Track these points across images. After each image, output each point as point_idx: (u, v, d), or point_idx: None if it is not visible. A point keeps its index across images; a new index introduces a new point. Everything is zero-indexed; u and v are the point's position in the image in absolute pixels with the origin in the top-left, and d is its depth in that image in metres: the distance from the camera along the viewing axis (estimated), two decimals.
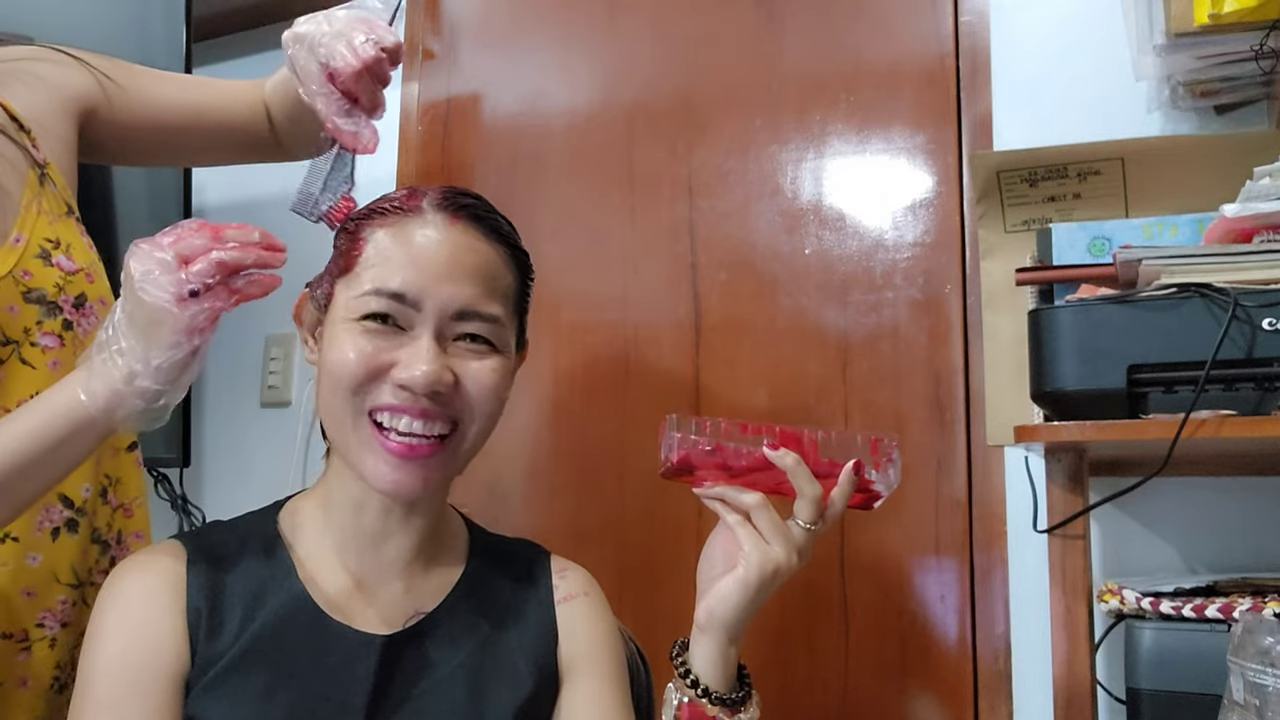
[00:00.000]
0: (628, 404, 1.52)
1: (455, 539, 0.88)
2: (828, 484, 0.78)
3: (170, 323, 0.69)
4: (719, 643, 0.77)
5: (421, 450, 0.75)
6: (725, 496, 0.78)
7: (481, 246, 0.80)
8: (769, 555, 0.75)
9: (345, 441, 0.78)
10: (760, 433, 0.78)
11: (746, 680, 0.80)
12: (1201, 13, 1.00)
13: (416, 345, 0.75)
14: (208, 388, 1.83)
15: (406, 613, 0.81)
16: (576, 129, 1.62)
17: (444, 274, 0.76)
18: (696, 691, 0.76)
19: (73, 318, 0.89)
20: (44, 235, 0.88)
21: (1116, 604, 0.94)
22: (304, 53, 0.86)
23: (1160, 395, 0.83)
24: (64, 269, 0.89)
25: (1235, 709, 0.71)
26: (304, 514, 0.84)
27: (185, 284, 0.69)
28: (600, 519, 1.50)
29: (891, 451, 0.80)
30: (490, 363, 0.79)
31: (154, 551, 0.80)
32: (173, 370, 0.71)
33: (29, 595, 0.88)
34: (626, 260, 1.55)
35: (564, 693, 0.84)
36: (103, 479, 0.96)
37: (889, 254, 1.40)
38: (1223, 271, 0.83)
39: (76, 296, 0.89)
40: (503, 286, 0.81)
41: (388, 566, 0.82)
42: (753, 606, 0.76)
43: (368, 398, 0.75)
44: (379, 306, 0.75)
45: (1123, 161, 1.14)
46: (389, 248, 0.77)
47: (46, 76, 0.96)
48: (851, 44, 1.47)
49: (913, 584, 1.33)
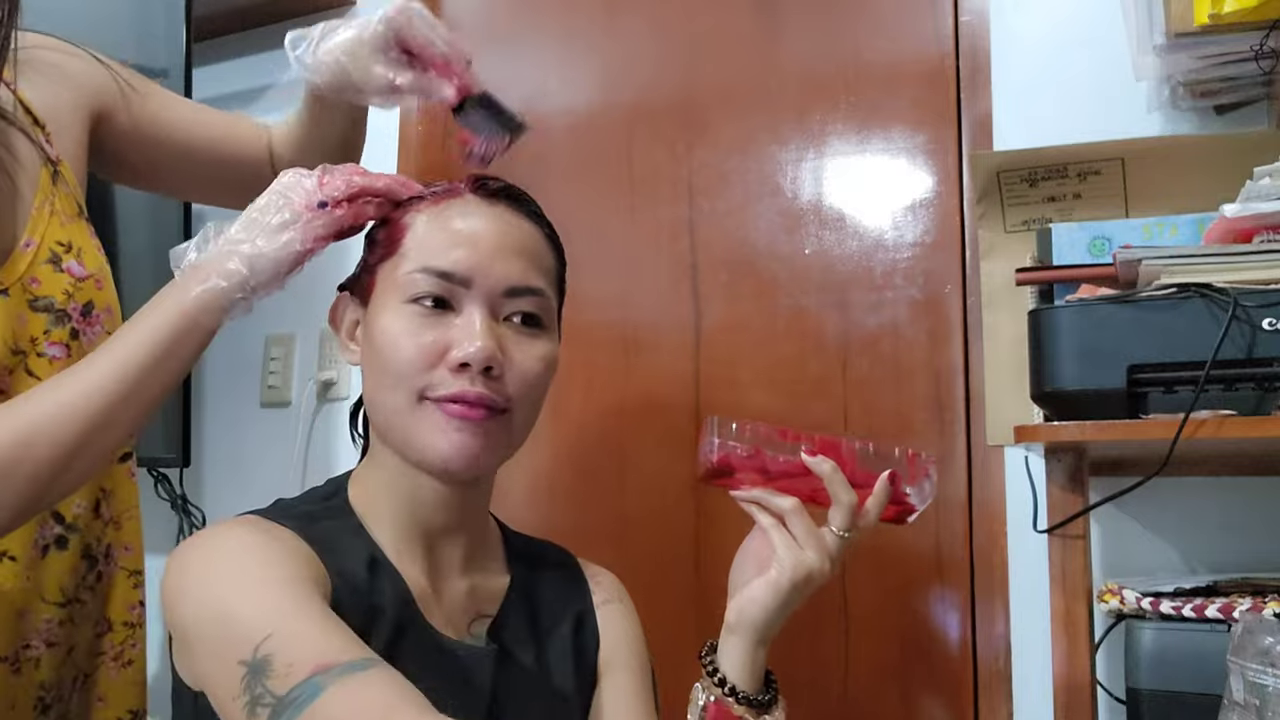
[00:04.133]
0: (628, 404, 1.52)
1: (496, 540, 0.89)
2: (863, 494, 0.78)
3: (291, 225, 0.74)
4: (748, 643, 0.76)
5: (477, 414, 0.73)
6: (761, 500, 0.78)
7: (524, 225, 0.81)
8: (802, 560, 0.75)
9: (403, 426, 0.75)
10: (799, 439, 0.79)
11: (774, 685, 0.80)
12: (1201, 13, 1.00)
13: (469, 323, 0.74)
14: (207, 388, 1.83)
15: (470, 614, 0.80)
16: (576, 129, 1.62)
17: (492, 251, 0.76)
18: (724, 690, 0.76)
19: (80, 327, 0.87)
20: (55, 238, 0.86)
21: (1116, 604, 0.94)
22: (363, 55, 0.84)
23: (1160, 395, 0.83)
24: (74, 275, 0.87)
25: (1235, 709, 0.71)
26: (372, 510, 0.79)
27: (317, 195, 0.75)
28: (600, 519, 1.50)
29: (928, 467, 0.80)
30: (539, 348, 0.78)
31: (251, 521, 0.71)
32: (269, 266, 0.74)
33: (21, 616, 0.85)
34: (626, 260, 1.55)
35: (598, 694, 0.84)
36: (97, 492, 0.93)
37: (889, 254, 1.40)
38: (1223, 271, 0.83)
39: (85, 304, 0.88)
40: (547, 265, 0.82)
41: (451, 565, 0.81)
42: (784, 610, 0.76)
43: (428, 386, 0.74)
44: (428, 286, 0.75)
45: (1123, 161, 1.14)
46: (433, 230, 0.77)
47: (66, 70, 0.93)
48: (851, 44, 1.47)
49: (913, 584, 1.33)
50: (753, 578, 0.77)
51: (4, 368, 0.81)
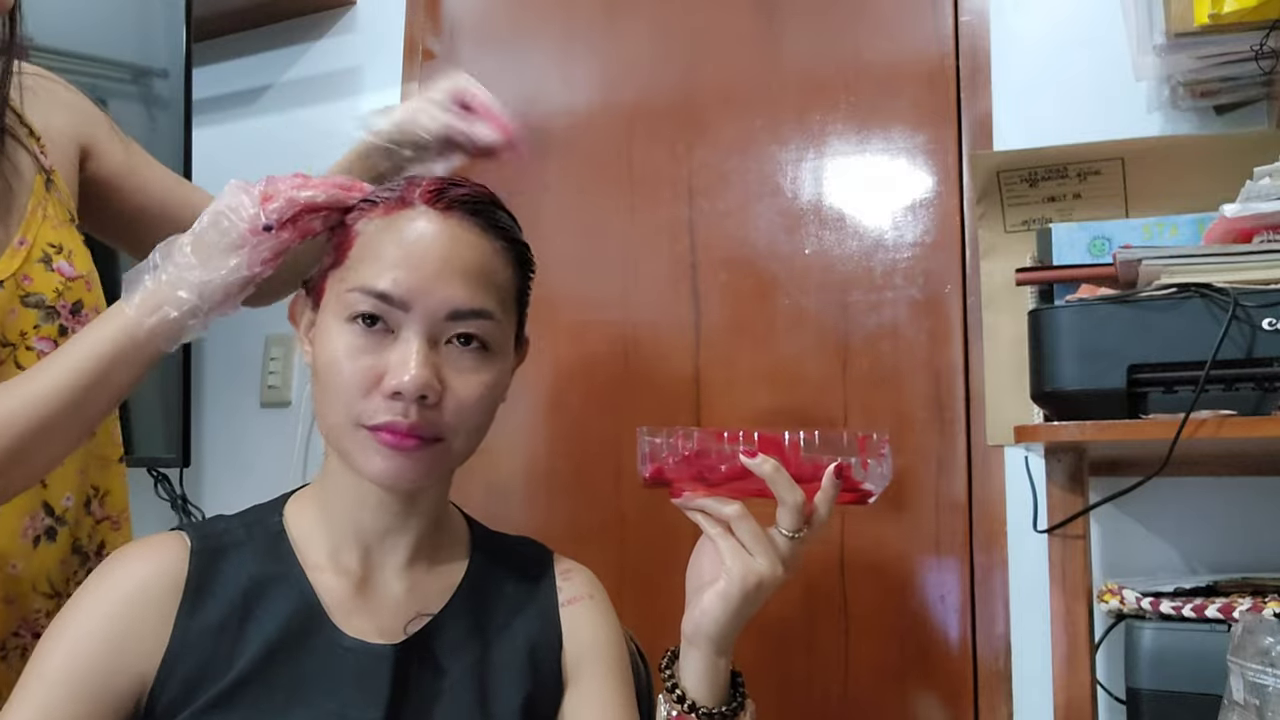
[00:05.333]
0: (627, 404, 1.52)
1: (456, 537, 0.87)
2: (812, 487, 0.75)
3: (237, 249, 0.74)
4: (706, 656, 0.75)
5: (409, 443, 0.73)
6: (705, 508, 0.76)
7: (476, 241, 0.76)
8: (751, 567, 0.74)
9: (340, 443, 0.76)
10: (738, 439, 0.76)
11: (740, 689, 0.78)
12: (1201, 13, 1.00)
13: (405, 350, 0.72)
14: (207, 388, 1.83)
15: (409, 614, 0.79)
16: (576, 129, 1.62)
17: (434, 273, 0.73)
18: (684, 706, 0.75)
19: (69, 324, 0.90)
20: (48, 239, 0.89)
21: (1116, 604, 0.94)
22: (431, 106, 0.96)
23: (1160, 395, 0.83)
24: (64, 274, 0.90)
25: (1235, 709, 0.71)
26: (306, 513, 0.82)
27: (260, 219, 0.74)
28: (599, 519, 1.50)
29: (881, 447, 0.77)
30: (480, 376, 0.76)
31: (155, 543, 0.77)
32: (218, 292, 0.75)
33: (8, 603, 0.87)
34: (626, 260, 1.55)
35: (569, 695, 0.82)
36: (88, 489, 0.94)
37: (889, 254, 1.40)
38: (1223, 271, 0.83)
39: (74, 303, 0.90)
40: (498, 283, 0.77)
41: (389, 566, 0.80)
42: (738, 619, 0.75)
43: (362, 414, 0.73)
44: (366, 306, 0.73)
45: (1123, 161, 1.14)
46: (378, 243, 0.74)
47: (61, 97, 0.97)
48: (851, 44, 1.47)
49: (913, 584, 1.33)
50: (706, 585, 0.75)
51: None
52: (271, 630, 0.74)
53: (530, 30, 1.69)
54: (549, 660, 0.83)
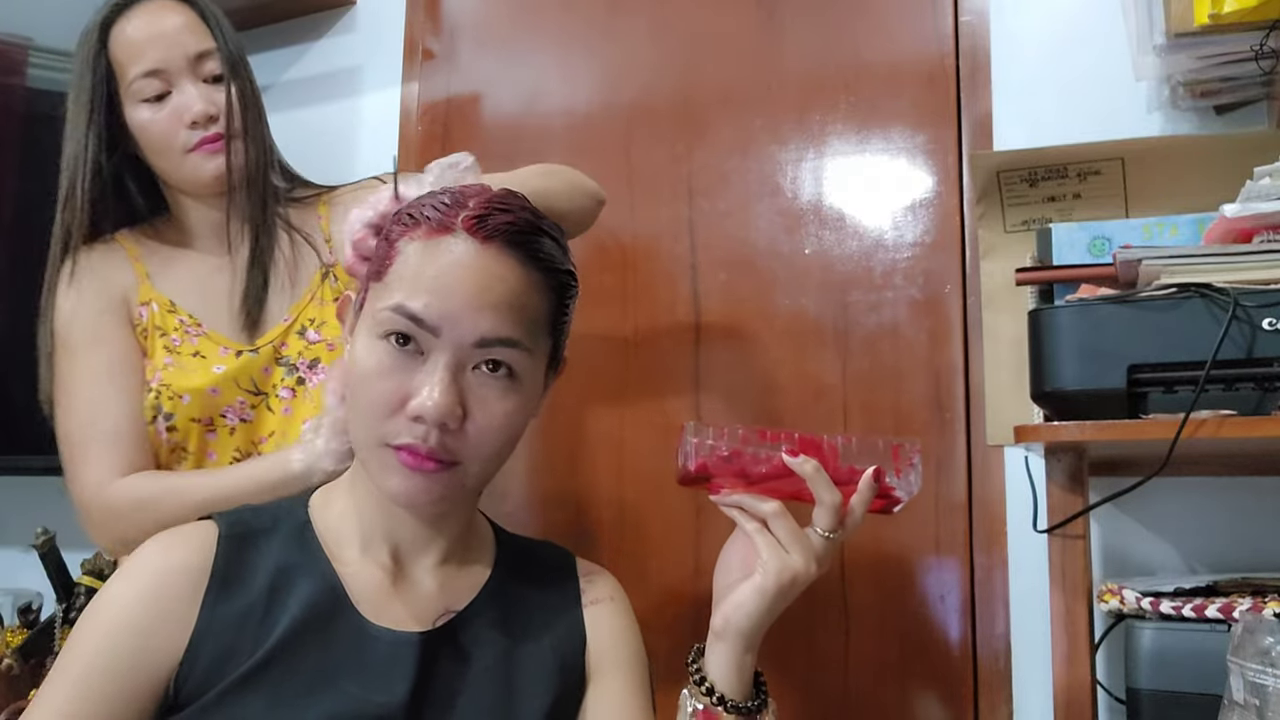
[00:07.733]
0: (627, 404, 1.52)
1: (483, 541, 0.89)
2: (848, 490, 0.77)
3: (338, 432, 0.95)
4: (735, 650, 0.76)
5: (428, 466, 0.75)
6: (743, 504, 0.78)
7: (510, 274, 0.76)
8: (787, 563, 0.75)
9: (367, 458, 0.79)
10: (779, 439, 0.78)
11: (763, 688, 0.79)
12: (1201, 13, 1.00)
13: (432, 375, 0.74)
14: None
15: (439, 609, 0.82)
16: (576, 129, 1.62)
17: (466, 303, 0.74)
18: (712, 699, 0.76)
19: (306, 375, 1.13)
20: (309, 316, 1.15)
21: (1116, 604, 0.93)
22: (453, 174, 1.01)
23: (1160, 395, 0.83)
24: (309, 340, 1.14)
25: (1235, 709, 0.71)
26: (334, 506, 0.85)
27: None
28: (599, 519, 1.50)
29: (913, 456, 0.79)
30: (504, 404, 0.77)
31: (186, 531, 0.81)
32: (338, 456, 0.95)
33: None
34: (626, 260, 1.55)
35: (590, 694, 0.84)
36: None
37: (889, 254, 1.40)
38: (1223, 271, 0.83)
39: (312, 360, 1.14)
40: (532, 313, 0.78)
41: (421, 565, 0.83)
42: (770, 615, 0.76)
43: (387, 433, 0.75)
44: (399, 326, 0.75)
45: (1123, 161, 1.14)
46: (417, 265, 0.76)
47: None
48: (851, 44, 1.47)
49: (913, 584, 1.33)
50: (738, 582, 0.77)
51: (250, 404, 1.11)
52: (296, 616, 0.76)
53: (530, 30, 1.69)
54: (573, 660, 0.85)
